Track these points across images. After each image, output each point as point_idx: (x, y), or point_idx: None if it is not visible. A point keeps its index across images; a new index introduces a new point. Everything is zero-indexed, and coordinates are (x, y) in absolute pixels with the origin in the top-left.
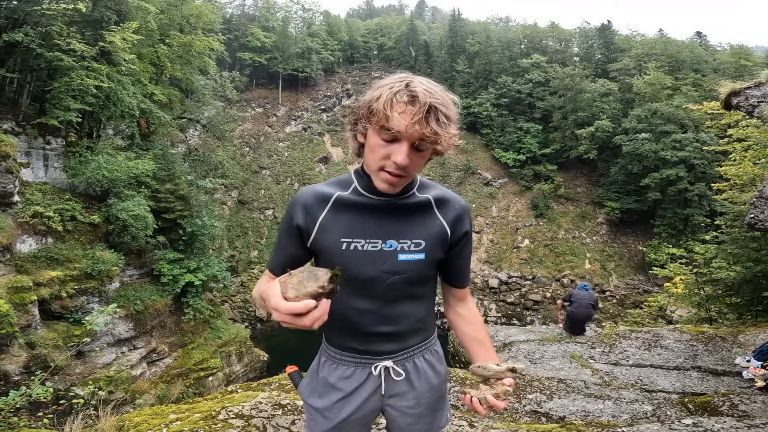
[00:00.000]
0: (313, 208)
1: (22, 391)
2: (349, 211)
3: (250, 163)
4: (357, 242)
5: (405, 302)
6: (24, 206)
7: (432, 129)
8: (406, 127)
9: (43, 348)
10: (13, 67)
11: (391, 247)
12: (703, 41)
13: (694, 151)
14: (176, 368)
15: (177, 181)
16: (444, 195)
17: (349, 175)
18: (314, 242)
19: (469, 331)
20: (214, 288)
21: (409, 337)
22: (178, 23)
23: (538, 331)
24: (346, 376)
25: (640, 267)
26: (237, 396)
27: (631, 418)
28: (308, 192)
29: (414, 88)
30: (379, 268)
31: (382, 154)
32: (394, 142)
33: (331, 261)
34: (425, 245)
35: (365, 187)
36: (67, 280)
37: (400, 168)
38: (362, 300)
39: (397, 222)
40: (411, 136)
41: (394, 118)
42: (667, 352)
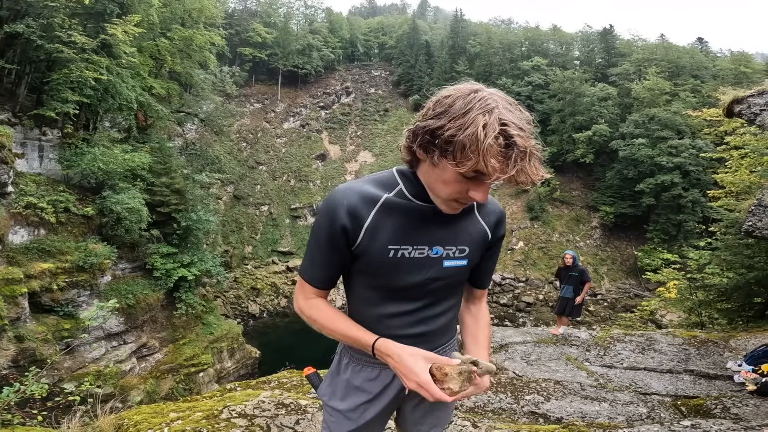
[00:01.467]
0: (359, 210)
1: (16, 387)
2: (397, 215)
3: (246, 159)
4: (404, 249)
5: (440, 304)
6: (17, 197)
7: (528, 175)
8: (498, 169)
9: (32, 342)
10: (12, 58)
11: (437, 253)
12: (704, 47)
13: (690, 158)
14: (166, 364)
15: (173, 175)
16: None
17: (391, 174)
18: (359, 247)
19: (471, 327)
20: (207, 283)
21: (438, 337)
22: (180, 17)
23: (534, 333)
24: (371, 378)
25: (632, 271)
26: (238, 394)
27: (627, 420)
28: (351, 192)
29: (510, 132)
30: (424, 275)
31: (458, 189)
32: (475, 180)
33: (375, 268)
34: (469, 251)
35: (414, 193)
36: (58, 273)
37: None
38: (398, 304)
39: (443, 228)
40: (500, 178)
41: (490, 164)
42: (660, 356)
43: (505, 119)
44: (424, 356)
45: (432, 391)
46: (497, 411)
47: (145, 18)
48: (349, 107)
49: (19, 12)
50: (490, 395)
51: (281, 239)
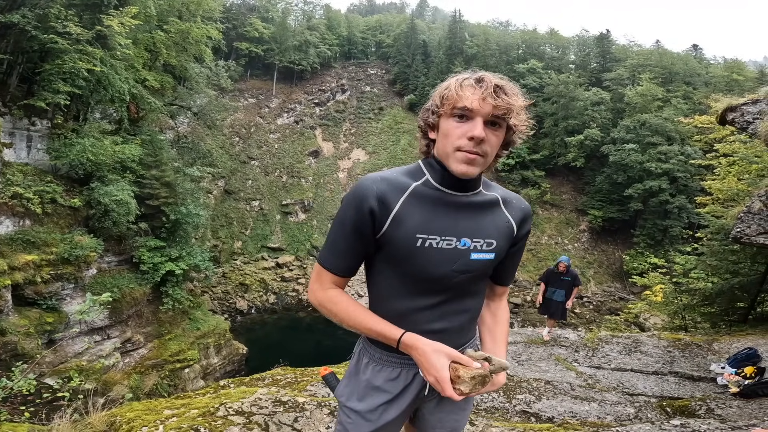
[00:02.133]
0: (389, 196)
1: (3, 383)
2: (425, 204)
3: (239, 153)
4: (432, 239)
5: (463, 299)
6: (3, 186)
7: (504, 100)
8: (478, 101)
9: (14, 335)
10: (5, 48)
11: (465, 245)
12: (699, 54)
13: (678, 164)
14: (151, 359)
15: (163, 168)
16: (509, 194)
17: (417, 165)
18: (385, 234)
19: (490, 324)
20: (195, 278)
21: (459, 335)
22: (178, 10)
23: (524, 333)
24: (392, 378)
25: (618, 275)
26: (233, 391)
27: (616, 419)
28: (380, 180)
29: (481, 74)
30: (450, 266)
31: (457, 134)
32: (468, 121)
33: (402, 256)
34: (496, 245)
35: (439, 179)
36: (42, 265)
37: (478, 143)
38: (423, 297)
39: (471, 219)
40: (483, 112)
41: (465, 95)
42: (646, 358)
43: (476, 73)
44: (447, 353)
45: (446, 388)
46: (490, 410)
47: (143, 10)
48: (344, 105)
49: (15, 2)
50: (483, 394)
51: (271, 235)
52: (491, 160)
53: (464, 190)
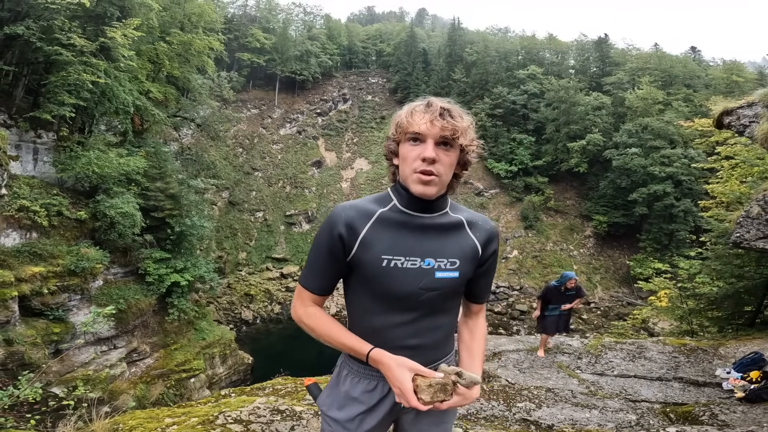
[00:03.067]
0: (356, 223)
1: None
2: (390, 228)
3: (242, 164)
4: (397, 259)
5: (435, 316)
6: (10, 200)
7: (449, 123)
8: (426, 125)
9: (21, 345)
10: (10, 59)
11: (429, 265)
12: (697, 56)
13: (682, 167)
14: (157, 369)
15: (168, 180)
16: (474, 216)
17: (387, 192)
18: (354, 257)
19: (467, 340)
20: (200, 289)
21: (434, 351)
22: (180, 21)
23: (527, 341)
24: (369, 390)
25: (625, 280)
26: (233, 400)
27: (617, 427)
28: (350, 207)
29: (430, 99)
30: (417, 285)
31: (412, 156)
32: (421, 144)
33: (370, 276)
34: (459, 264)
35: (404, 203)
36: (49, 277)
37: (430, 163)
38: (395, 314)
39: (435, 240)
40: (432, 134)
41: (415, 121)
42: (651, 364)
43: (427, 99)
44: (410, 367)
45: (409, 398)
46: (489, 418)
47: (145, 22)
48: (345, 114)
49: (19, 13)
50: (483, 403)
51: (276, 246)
52: (447, 179)
53: (429, 211)
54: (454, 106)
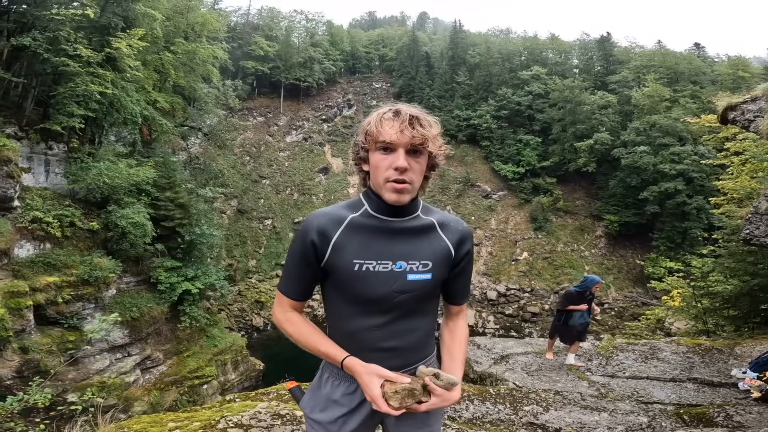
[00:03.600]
0: (327, 229)
1: (20, 396)
2: (362, 233)
3: (250, 173)
4: (369, 263)
5: (411, 318)
6: (24, 211)
7: (419, 132)
8: (397, 134)
9: (37, 353)
10: (18, 71)
11: (401, 267)
12: (701, 53)
13: (693, 164)
14: (170, 376)
15: (177, 189)
16: (446, 218)
17: (358, 198)
18: (327, 262)
19: (448, 343)
20: (211, 296)
21: (411, 353)
22: (184, 31)
23: (535, 344)
24: (349, 392)
25: (639, 280)
26: (236, 405)
27: (627, 429)
28: (321, 215)
29: (397, 107)
30: (390, 287)
31: (384, 166)
32: (392, 153)
33: (343, 281)
34: (432, 266)
35: (375, 208)
36: (63, 286)
37: (402, 172)
38: (370, 317)
39: (406, 243)
40: (403, 143)
41: (384, 130)
42: (664, 364)
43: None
44: (378, 374)
45: (380, 405)
46: (495, 422)
47: (149, 32)
48: (350, 120)
49: (25, 25)
50: (489, 407)
51: (285, 253)
52: (419, 185)
53: (400, 215)
54: (422, 113)
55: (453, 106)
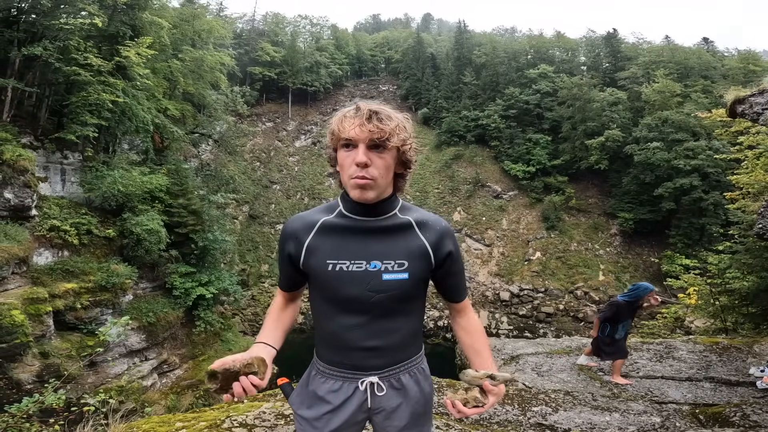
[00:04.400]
0: (300, 234)
1: (35, 398)
2: (335, 234)
3: (260, 178)
4: (342, 263)
5: (390, 319)
6: (41, 220)
7: (375, 126)
8: (354, 130)
9: (57, 358)
10: (31, 81)
11: (375, 267)
12: (711, 47)
13: (707, 160)
14: (186, 379)
15: (189, 196)
16: (425, 217)
17: (336, 200)
18: (304, 264)
19: (467, 341)
20: (225, 301)
21: (396, 353)
22: (190, 38)
23: (546, 344)
24: (334, 390)
25: (657, 278)
26: (242, 406)
27: (638, 429)
28: (296, 220)
29: (358, 104)
30: (364, 287)
31: (347, 164)
32: (354, 149)
33: (320, 281)
34: (408, 265)
35: (349, 208)
36: (81, 292)
37: (363, 167)
38: (349, 317)
39: (380, 243)
40: (362, 138)
41: (344, 127)
42: (680, 363)
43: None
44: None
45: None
46: (503, 423)
47: (157, 40)
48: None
49: (36, 34)
50: (496, 407)
51: None
52: (385, 181)
53: (374, 215)
54: (383, 108)
55: (461, 107)
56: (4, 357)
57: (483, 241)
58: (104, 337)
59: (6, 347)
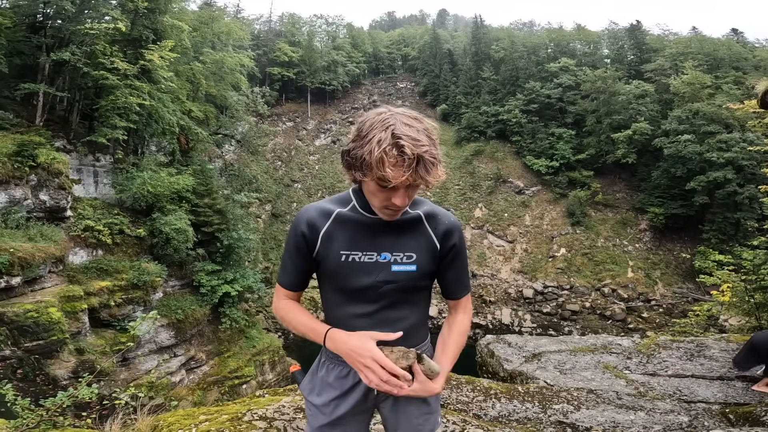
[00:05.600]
0: (317, 222)
1: (69, 392)
2: (348, 226)
3: (282, 177)
4: (355, 254)
5: (397, 308)
6: (76, 220)
7: (422, 177)
8: (400, 181)
9: (91, 354)
10: (62, 86)
11: (385, 258)
12: (740, 38)
13: (742, 152)
14: (212, 375)
15: (214, 196)
16: (434, 210)
17: (348, 193)
18: (318, 253)
19: (444, 334)
20: (249, 298)
21: (401, 341)
22: (210, 41)
23: (570, 342)
24: (342, 376)
25: (689, 275)
26: (263, 400)
27: (664, 429)
28: (311, 208)
29: (401, 143)
30: (374, 277)
31: (382, 198)
32: (390, 189)
33: (331, 271)
34: (416, 257)
35: (363, 206)
36: (115, 290)
37: (400, 207)
38: (358, 305)
39: (391, 236)
40: (404, 185)
41: (388, 174)
42: (711, 362)
43: (398, 133)
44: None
45: (384, 362)
46: (522, 420)
47: (178, 43)
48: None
49: (63, 40)
50: (516, 405)
51: None
52: None
53: None
54: (426, 146)
55: (480, 102)
56: (41, 353)
57: (505, 238)
58: (134, 332)
59: (43, 344)
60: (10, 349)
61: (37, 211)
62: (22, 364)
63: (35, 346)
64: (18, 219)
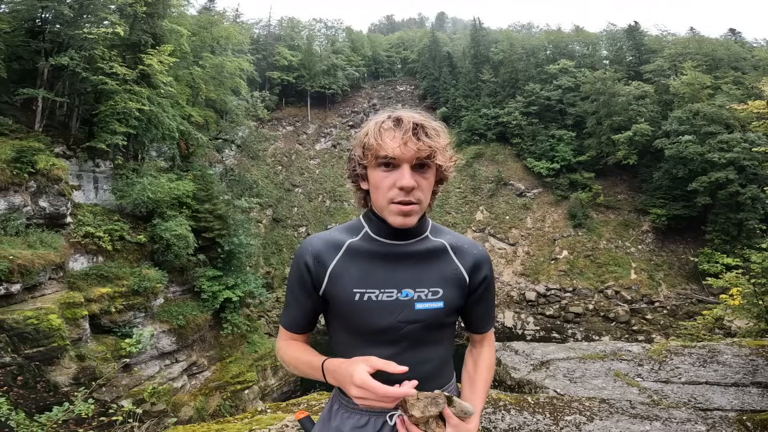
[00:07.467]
0: (324, 255)
1: (65, 407)
2: (362, 258)
3: (282, 182)
4: (371, 293)
5: (421, 349)
6: (76, 227)
7: (425, 143)
8: (400, 148)
9: (92, 360)
10: (61, 91)
11: (407, 296)
12: (738, 38)
13: (743, 152)
14: (215, 381)
15: (215, 201)
16: (460, 240)
17: (358, 220)
18: (325, 291)
19: (470, 370)
20: (251, 304)
21: (426, 383)
22: (210, 45)
23: (579, 348)
24: (360, 425)
25: (693, 276)
26: (265, 418)
27: None
28: (317, 240)
29: (397, 114)
30: (395, 317)
31: (387, 184)
32: (395, 169)
33: (344, 311)
34: (443, 293)
35: (376, 231)
36: (115, 296)
37: (409, 192)
38: (376, 349)
39: (412, 269)
40: (407, 157)
41: (385, 143)
42: (725, 368)
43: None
44: (365, 361)
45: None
46: None
47: (177, 47)
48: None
49: (61, 44)
50: (527, 416)
51: None
52: (427, 203)
53: (405, 238)
54: (427, 120)
55: (480, 105)
56: (42, 360)
57: (507, 240)
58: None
59: (44, 350)
60: (11, 356)
61: (36, 218)
62: (23, 371)
63: (36, 352)
64: (17, 226)
